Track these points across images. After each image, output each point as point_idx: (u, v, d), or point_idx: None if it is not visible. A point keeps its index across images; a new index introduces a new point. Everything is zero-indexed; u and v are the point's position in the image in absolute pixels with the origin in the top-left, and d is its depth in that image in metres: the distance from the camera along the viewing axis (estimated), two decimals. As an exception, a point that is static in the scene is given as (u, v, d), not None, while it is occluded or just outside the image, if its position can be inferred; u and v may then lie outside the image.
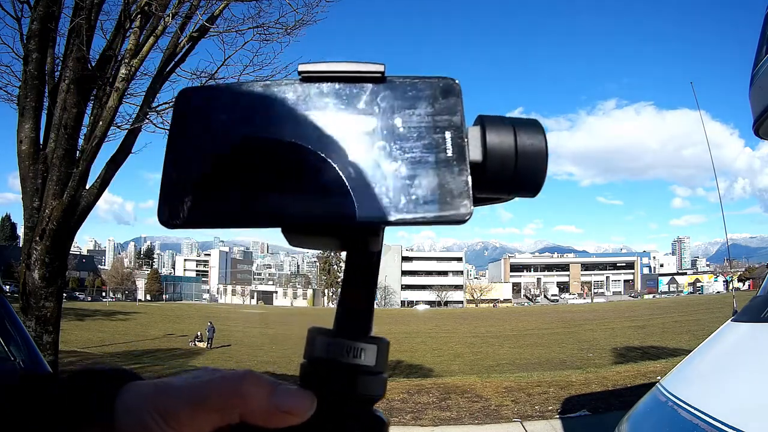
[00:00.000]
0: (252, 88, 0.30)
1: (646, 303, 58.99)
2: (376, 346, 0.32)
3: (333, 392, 0.31)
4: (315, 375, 0.31)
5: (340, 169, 0.28)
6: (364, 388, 0.31)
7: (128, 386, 0.28)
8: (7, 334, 2.11)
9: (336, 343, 0.31)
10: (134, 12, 4.68)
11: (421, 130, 0.29)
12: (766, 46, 2.63)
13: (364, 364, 0.31)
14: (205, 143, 0.30)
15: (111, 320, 32.83)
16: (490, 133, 0.30)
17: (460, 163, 0.28)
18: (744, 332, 2.10)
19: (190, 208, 0.29)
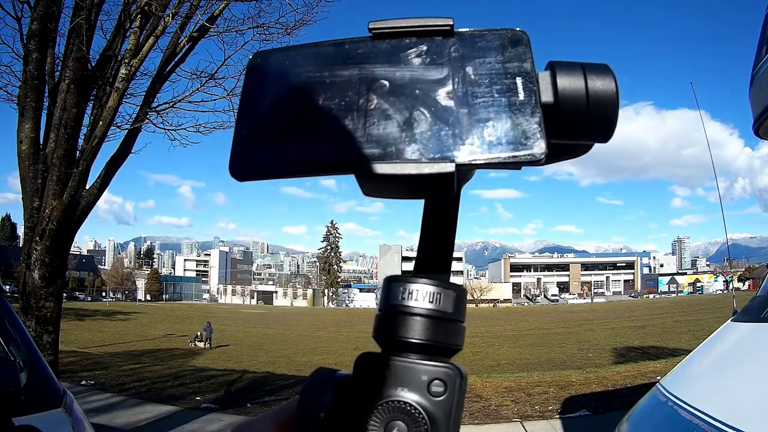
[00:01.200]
0: (323, 47, 0.32)
1: (646, 303, 58.97)
2: (454, 292, 0.32)
3: (406, 340, 0.30)
4: (388, 323, 0.31)
5: (411, 114, 0.29)
6: (441, 335, 0.30)
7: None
8: (7, 334, 2.11)
9: (411, 288, 0.31)
10: (134, 12, 4.68)
11: (492, 77, 0.29)
12: (766, 46, 2.62)
13: (441, 310, 0.31)
14: (277, 97, 0.31)
15: (111, 320, 32.83)
16: (560, 75, 0.30)
17: (532, 105, 0.28)
18: (744, 332, 2.10)
19: (262, 159, 0.30)
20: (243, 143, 0.30)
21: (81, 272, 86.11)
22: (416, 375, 0.30)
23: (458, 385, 0.30)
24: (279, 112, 0.31)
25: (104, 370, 8.44)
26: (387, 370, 0.30)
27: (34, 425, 1.79)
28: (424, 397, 0.29)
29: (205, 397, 6.50)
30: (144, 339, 23.67)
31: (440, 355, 0.31)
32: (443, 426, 0.29)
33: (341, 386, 0.31)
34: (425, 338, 0.30)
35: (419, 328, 0.30)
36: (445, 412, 0.29)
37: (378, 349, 0.32)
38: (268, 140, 0.30)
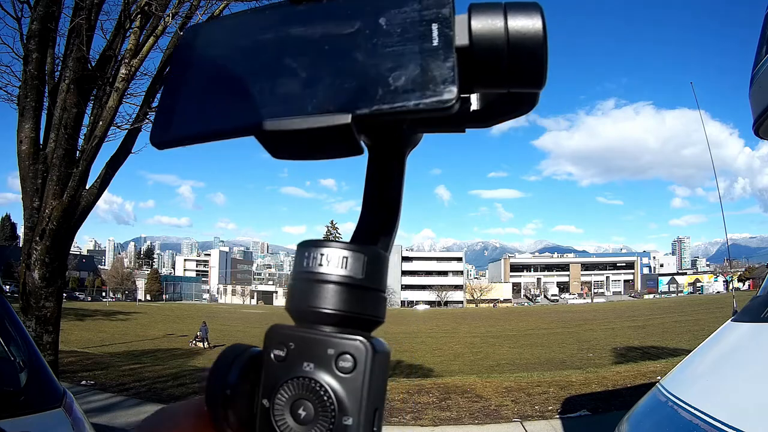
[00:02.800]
0: (245, 15, 0.31)
1: (646, 303, 58.99)
2: (365, 255, 0.29)
3: (312, 310, 0.28)
4: (295, 291, 0.29)
5: (316, 70, 0.28)
6: (350, 304, 0.28)
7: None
8: (7, 334, 2.11)
9: (317, 253, 0.29)
10: (134, 12, 4.68)
11: (407, 26, 0.28)
12: (766, 46, 2.62)
13: (349, 275, 0.29)
14: (198, 69, 0.31)
15: (111, 320, 32.84)
16: (475, 17, 0.28)
17: (445, 51, 0.26)
18: (744, 332, 2.10)
19: (178, 128, 0.29)
20: (164, 113, 0.30)
21: (81, 272, 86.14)
22: (322, 349, 0.28)
23: (370, 361, 0.28)
24: (198, 83, 0.30)
25: (104, 370, 8.44)
26: (294, 344, 0.28)
27: (33, 425, 1.79)
28: (331, 373, 0.28)
29: (205, 397, 6.49)
30: (144, 339, 23.67)
31: (354, 327, 0.29)
32: (352, 406, 0.27)
33: (251, 362, 0.30)
34: (332, 307, 0.28)
35: (324, 295, 0.28)
36: (354, 391, 0.27)
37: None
38: (186, 109, 0.30)
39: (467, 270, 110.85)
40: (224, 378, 0.29)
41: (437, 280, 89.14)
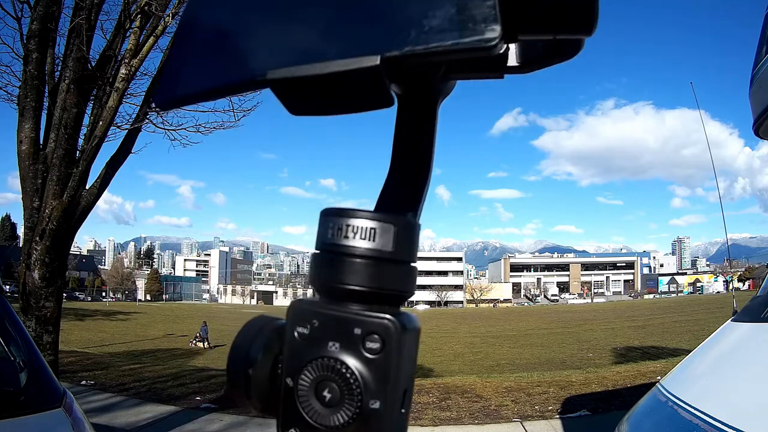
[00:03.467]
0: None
1: (646, 303, 58.99)
2: (394, 226, 0.27)
3: (337, 286, 0.26)
4: (318, 265, 0.27)
5: (339, 13, 0.25)
6: (378, 280, 0.26)
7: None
8: (7, 334, 2.11)
9: (341, 224, 0.26)
10: (134, 12, 4.68)
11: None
12: (766, 46, 2.62)
13: (377, 249, 0.26)
14: (205, 20, 0.28)
15: (111, 320, 32.83)
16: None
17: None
18: (744, 332, 2.10)
19: (184, 87, 0.27)
20: (169, 72, 0.28)
21: (81, 272, 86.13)
22: (349, 328, 0.26)
23: (398, 341, 0.26)
24: (206, 36, 0.27)
25: (104, 370, 8.43)
26: (318, 322, 0.27)
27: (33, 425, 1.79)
28: (358, 355, 0.26)
29: (205, 397, 6.50)
30: (144, 339, 23.67)
31: (383, 303, 0.27)
32: (379, 389, 0.26)
33: (275, 338, 0.28)
34: (359, 284, 0.26)
35: (350, 271, 0.26)
36: (382, 373, 0.26)
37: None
38: (193, 66, 0.27)
39: (467, 270, 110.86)
40: (246, 354, 0.27)
41: (437, 280, 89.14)
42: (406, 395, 0.27)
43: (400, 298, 0.28)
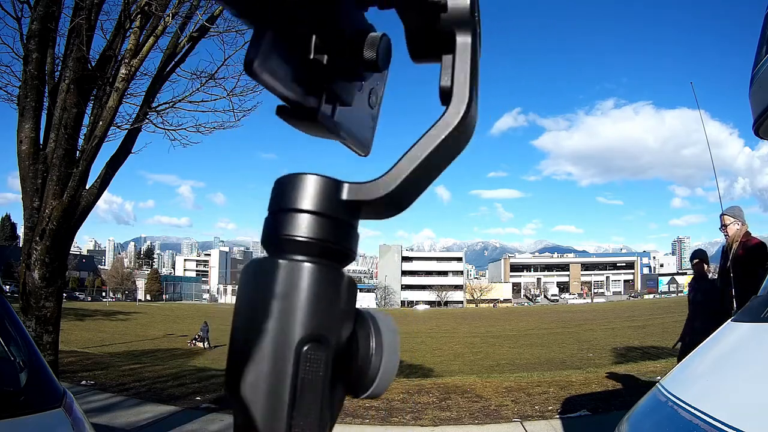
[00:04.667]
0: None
1: (646, 303, 59.00)
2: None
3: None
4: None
5: None
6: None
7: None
8: (7, 334, 2.11)
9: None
10: (134, 12, 4.68)
11: None
12: (766, 46, 2.63)
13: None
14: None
15: (111, 320, 32.84)
16: None
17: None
18: (744, 332, 2.10)
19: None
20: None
21: (81, 272, 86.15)
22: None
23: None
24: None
25: (104, 370, 8.43)
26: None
27: (33, 425, 1.79)
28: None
29: (205, 397, 6.50)
30: (144, 339, 23.67)
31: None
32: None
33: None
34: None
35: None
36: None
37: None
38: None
39: (467, 270, 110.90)
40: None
41: (437, 280, 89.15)
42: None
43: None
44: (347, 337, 0.28)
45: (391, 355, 0.28)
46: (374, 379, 0.28)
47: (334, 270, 0.28)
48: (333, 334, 0.27)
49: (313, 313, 0.26)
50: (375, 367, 0.28)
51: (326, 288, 0.27)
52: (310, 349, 0.26)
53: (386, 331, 0.29)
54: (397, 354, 0.29)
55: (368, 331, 0.29)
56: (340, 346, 0.27)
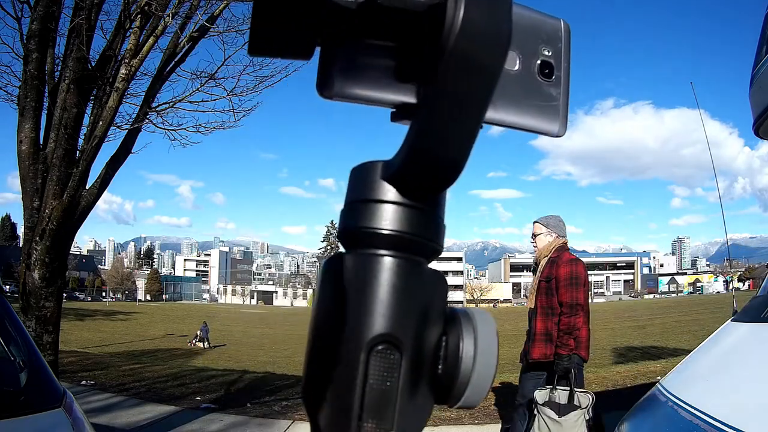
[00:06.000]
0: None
1: (646, 303, 58.99)
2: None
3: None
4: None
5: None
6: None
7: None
8: (7, 334, 2.11)
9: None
10: (134, 12, 4.68)
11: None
12: (766, 46, 2.62)
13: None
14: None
15: (111, 320, 32.82)
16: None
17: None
18: (744, 332, 2.10)
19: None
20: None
21: (81, 272, 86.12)
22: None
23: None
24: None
25: (104, 370, 8.43)
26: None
27: (33, 425, 1.79)
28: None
29: (205, 397, 6.50)
30: (144, 339, 23.66)
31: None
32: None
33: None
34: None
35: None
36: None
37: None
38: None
39: (467, 270, 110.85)
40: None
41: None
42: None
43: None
44: (434, 339, 0.26)
45: (486, 361, 0.26)
46: (465, 387, 0.26)
47: (417, 264, 0.25)
48: (411, 336, 0.24)
49: (387, 311, 0.24)
50: (465, 374, 0.26)
51: (405, 284, 0.24)
52: (382, 351, 0.24)
53: (482, 333, 0.26)
54: (494, 359, 0.26)
55: (459, 333, 0.26)
56: (424, 349, 0.25)
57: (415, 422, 0.25)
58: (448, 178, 0.25)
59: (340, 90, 0.26)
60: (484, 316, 0.28)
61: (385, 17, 0.23)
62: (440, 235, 0.26)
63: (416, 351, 0.24)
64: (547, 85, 0.29)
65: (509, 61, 0.28)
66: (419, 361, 0.25)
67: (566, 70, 0.30)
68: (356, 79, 0.26)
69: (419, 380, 0.25)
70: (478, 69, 0.21)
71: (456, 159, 0.24)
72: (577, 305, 3.21)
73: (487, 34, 0.20)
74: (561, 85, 0.29)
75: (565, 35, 0.30)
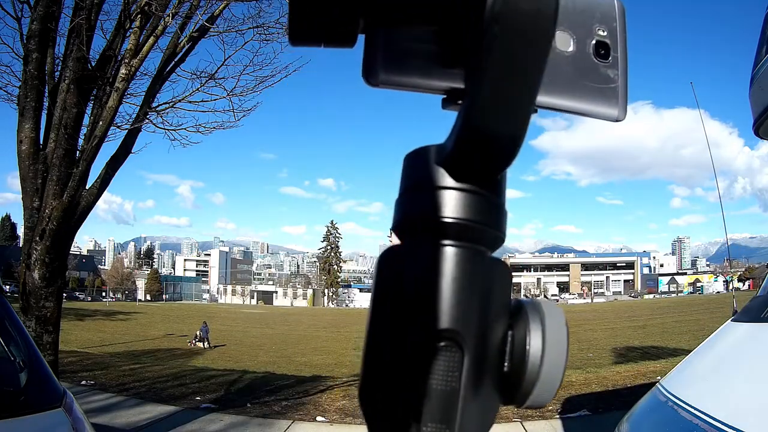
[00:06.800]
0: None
1: (646, 303, 58.97)
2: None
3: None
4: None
5: None
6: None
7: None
8: (7, 334, 2.11)
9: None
10: (134, 12, 4.68)
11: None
12: (766, 46, 2.62)
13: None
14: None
15: (111, 320, 32.82)
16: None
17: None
18: (744, 332, 2.10)
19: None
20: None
21: (81, 272, 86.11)
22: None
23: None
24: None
25: (104, 370, 8.43)
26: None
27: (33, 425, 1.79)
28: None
29: (205, 397, 6.50)
30: (144, 339, 23.65)
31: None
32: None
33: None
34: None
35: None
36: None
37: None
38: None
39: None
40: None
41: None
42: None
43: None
44: (499, 334, 0.24)
45: (555, 356, 0.24)
46: (533, 385, 0.24)
47: (478, 254, 0.23)
48: (474, 331, 0.23)
49: (447, 305, 0.22)
50: (533, 371, 0.24)
51: (466, 275, 0.23)
52: (443, 348, 0.22)
53: (551, 326, 0.25)
54: (564, 357, 0.25)
55: (526, 327, 0.24)
56: (488, 346, 0.23)
57: (479, 424, 0.23)
58: (506, 157, 0.22)
59: (386, 77, 0.25)
60: (552, 307, 0.26)
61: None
62: (502, 222, 0.24)
63: (480, 347, 0.23)
64: (604, 66, 0.28)
65: (563, 43, 0.27)
66: (483, 359, 0.23)
67: (623, 51, 0.28)
68: (402, 65, 0.25)
69: (483, 379, 0.23)
70: (526, 34, 0.19)
71: (512, 134, 0.22)
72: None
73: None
74: (619, 66, 0.28)
75: (620, 14, 0.29)
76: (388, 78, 0.25)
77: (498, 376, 0.24)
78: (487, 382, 0.24)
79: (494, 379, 0.24)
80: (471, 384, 0.23)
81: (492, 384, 0.24)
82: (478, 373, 0.23)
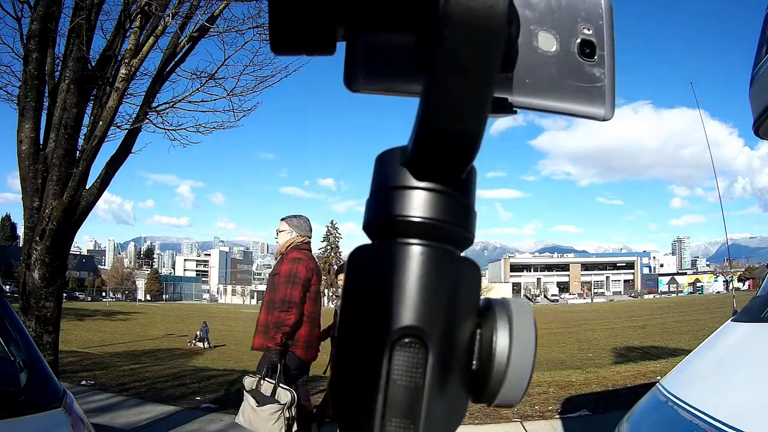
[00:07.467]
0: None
1: (646, 303, 59.00)
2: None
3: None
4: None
5: None
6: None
7: None
8: (7, 334, 2.11)
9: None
10: (134, 12, 4.68)
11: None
12: (766, 46, 2.62)
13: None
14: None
15: (111, 320, 32.83)
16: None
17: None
18: (744, 332, 2.10)
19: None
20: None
21: (81, 272, 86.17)
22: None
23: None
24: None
25: (104, 370, 8.43)
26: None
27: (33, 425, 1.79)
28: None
29: (205, 397, 6.50)
30: (144, 339, 23.66)
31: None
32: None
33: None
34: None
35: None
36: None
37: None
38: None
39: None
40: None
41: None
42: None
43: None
44: (467, 333, 0.24)
45: (522, 354, 0.24)
46: (500, 383, 0.24)
47: (445, 254, 0.24)
48: (439, 329, 0.23)
49: (412, 302, 0.22)
50: (500, 369, 0.24)
51: (431, 273, 0.23)
52: (406, 345, 0.22)
53: (518, 323, 0.25)
54: (532, 354, 0.25)
55: (493, 326, 0.25)
56: (454, 344, 0.23)
57: (446, 421, 0.23)
58: (464, 156, 0.23)
59: (366, 83, 0.25)
60: (521, 306, 0.26)
61: (401, 3, 0.22)
62: (470, 222, 0.25)
63: (445, 345, 0.23)
64: (589, 65, 0.27)
65: (546, 43, 0.27)
66: (449, 356, 0.23)
67: (610, 49, 0.28)
68: (381, 71, 0.25)
69: (450, 377, 0.23)
70: (475, 33, 0.19)
71: (467, 133, 0.22)
72: (291, 302, 3.27)
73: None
74: (605, 65, 0.28)
75: (606, 11, 0.28)
76: (368, 84, 0.25)
77: (466, 374, 0.24)
78: (454, 380, 0.24)
79: (462, 377, 0.24)
80: (436, 381, 0.23)
81: (459, 382, 0.24)
82: (443, 371, 0.23)
